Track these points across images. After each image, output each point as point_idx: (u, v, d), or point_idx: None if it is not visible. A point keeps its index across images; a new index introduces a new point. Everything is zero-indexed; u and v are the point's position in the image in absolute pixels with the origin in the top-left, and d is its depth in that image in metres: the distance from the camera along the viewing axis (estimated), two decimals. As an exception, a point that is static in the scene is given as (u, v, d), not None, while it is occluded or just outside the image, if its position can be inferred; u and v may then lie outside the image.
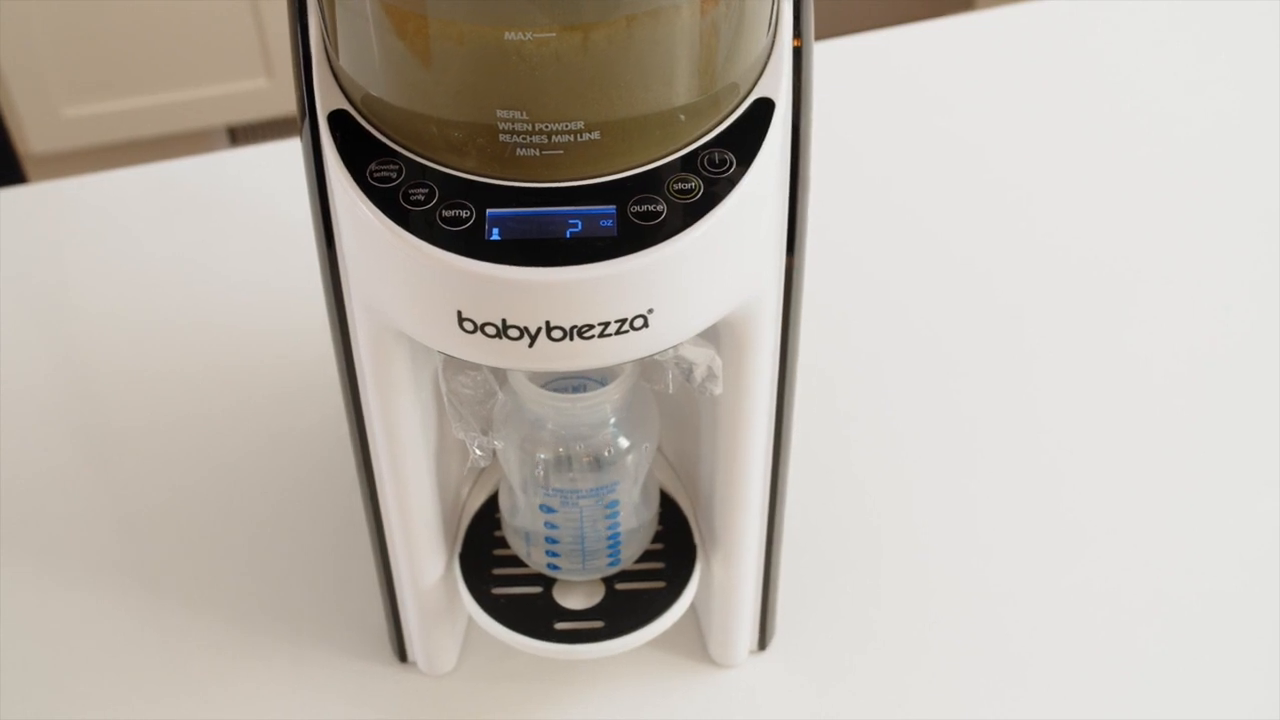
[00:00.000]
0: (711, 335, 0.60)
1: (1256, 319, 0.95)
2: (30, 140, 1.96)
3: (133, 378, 0.93)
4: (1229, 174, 1.07)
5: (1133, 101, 1.14)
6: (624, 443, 0.68)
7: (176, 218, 1.03)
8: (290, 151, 0.58)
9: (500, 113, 0.52)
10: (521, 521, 0.71)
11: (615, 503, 0.69)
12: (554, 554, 0.71)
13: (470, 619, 0.74)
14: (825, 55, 0.94)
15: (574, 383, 0.68)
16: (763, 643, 0.77)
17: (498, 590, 0.72)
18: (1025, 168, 1.09)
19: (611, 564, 0.71)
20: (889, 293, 0.98)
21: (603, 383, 0.66)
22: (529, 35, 0.50)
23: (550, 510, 0.68)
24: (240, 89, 2.01)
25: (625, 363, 0.65)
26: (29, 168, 2.00)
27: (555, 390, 0.66)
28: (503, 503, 0.72)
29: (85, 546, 0.83)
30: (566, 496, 0.68)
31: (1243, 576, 0.79)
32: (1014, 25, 1.22)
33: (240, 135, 2.11)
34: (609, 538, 0.70)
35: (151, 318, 0.96)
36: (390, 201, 0.54)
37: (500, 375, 0.74)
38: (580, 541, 0.69)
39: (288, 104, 1.81)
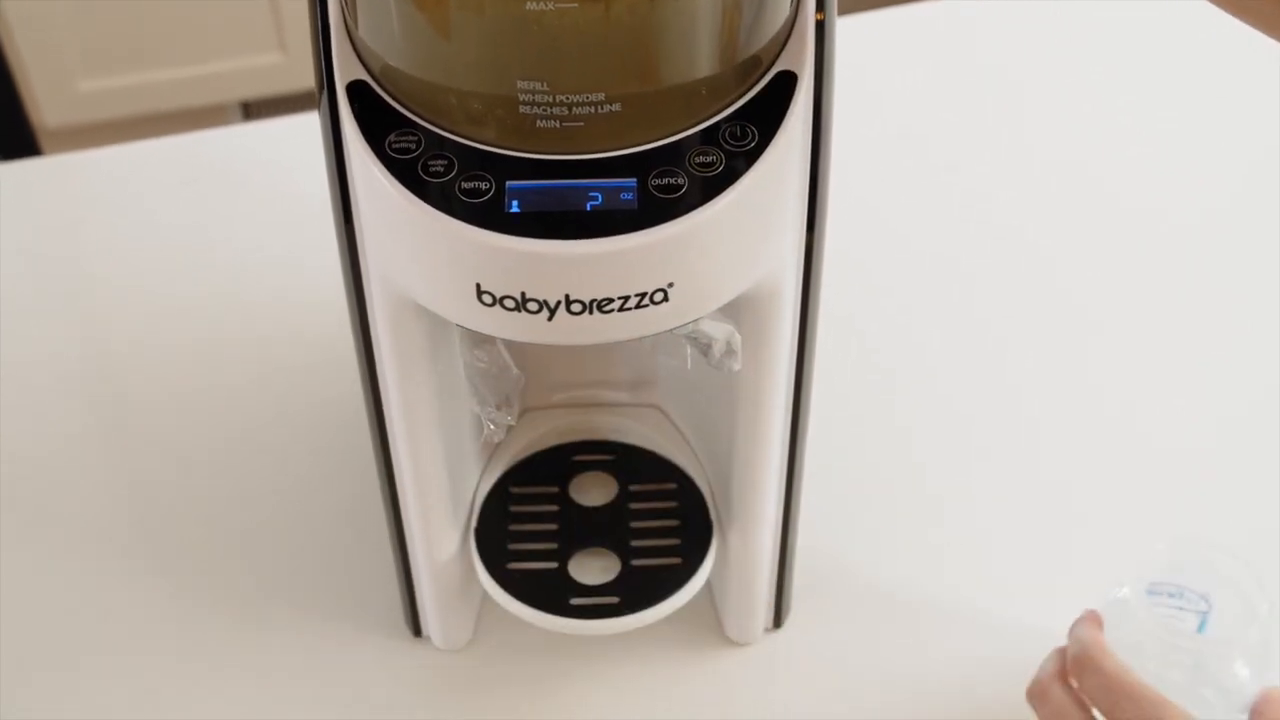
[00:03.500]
0: (731, 311, 0.60)
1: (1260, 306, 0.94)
2: (45, 114, 1.96)
3: (148, 350, 0.92)
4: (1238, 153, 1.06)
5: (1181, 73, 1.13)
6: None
7: (192, 191, 1.03)
8: (307, 125, 0.58)
9: (521, 84, 0.52)
10: None
11: None
12: None
13: (485, 594, 0.74)
14: (849, 29, 0.93)
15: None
16: (778, 620, 0.76)
17: (513, 565, 0.72)
18: (1055, 133, 1.08)
19: None
20: (915, 267, 0.98)
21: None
22: (550, 5, 0.50)
23: None
24: (255, 64, 2.00)
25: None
26: (43, 141, 2.00)
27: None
28: None
29: (100, 520, 0.83)
30: None
31: None
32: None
33: (254, 110, 2.10)
34: None
35: (167, 290, 0.96)
36: (409, 173, 0.53)
37: (516, 351, 0.73)
38: None
39: (302, 79, 1.80)
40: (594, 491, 0.75)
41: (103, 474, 0.85)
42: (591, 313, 0.53)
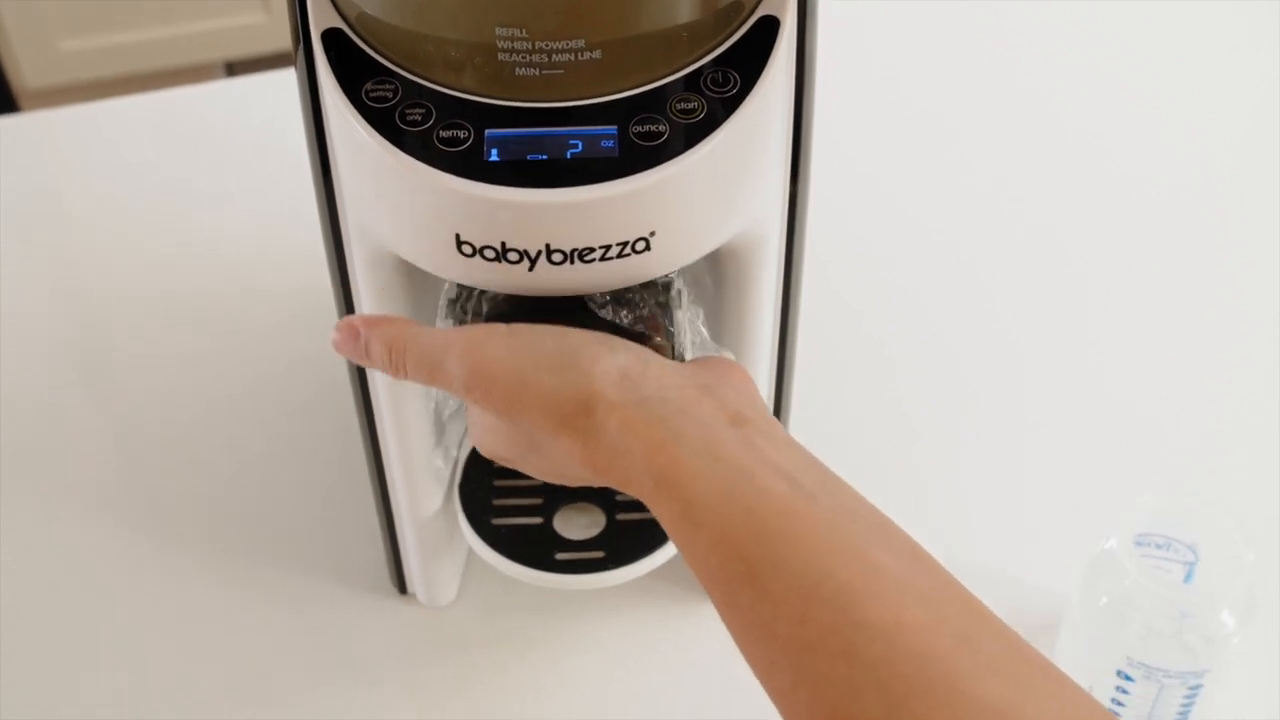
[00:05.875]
0: (714, 261, 0.59)
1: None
2: (25, 75, 1.94)
3: (130, 307, 0.92)
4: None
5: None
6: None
7: (173, 146, 1.02)
8: (289, 81, 0.57)
9: (499, 30, 0.51)
10: (1086, 670, 0.67)
11: (1200, 688, 0.65)
12: None
13: (470, 550, 0.73)
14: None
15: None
16: (764, 575, 0.76)
17: (497, 521, 0.71)
18: (1047, 80, 1.07)
19: None
20: (903, 218, 0.97)
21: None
22: (529, -51, 0.49)
23: (1129, 679, 0.65)
24: (238, 23, 1.99)
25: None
26: (24, 102, 1.98)
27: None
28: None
29: (85, 478, 0.82)
30: (1150, 672, 0.65)
31: None
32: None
33: (238, 70, 2.09)
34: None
35: (150, 246, 0.95)
36: (386, 122, 0.52)
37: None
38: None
39: (285, 39, 1.79)
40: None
41: (84, 431, 0.85)
42: (573, 262, 0.53)
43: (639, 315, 0.53)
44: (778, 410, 0.69)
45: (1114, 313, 0.91)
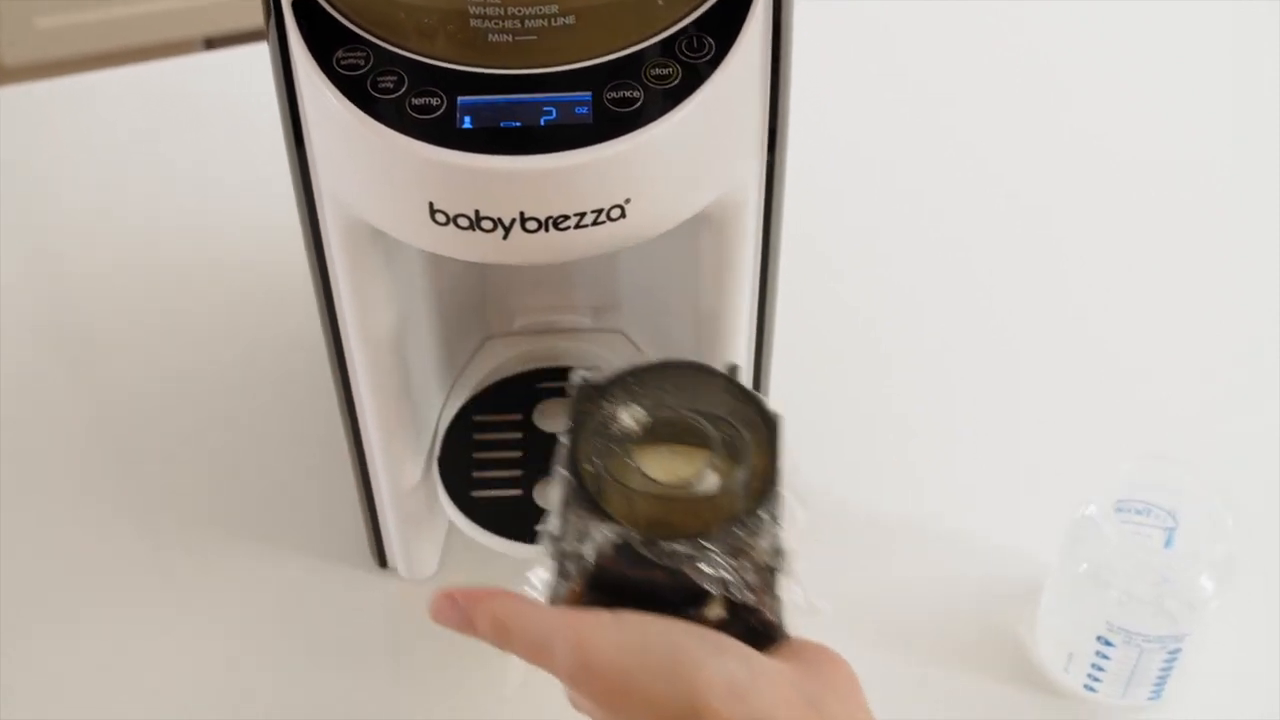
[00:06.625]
0: (692, 229, 0.59)
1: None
2: (3, 52, 1.92)
3: (108, 281, 0.91)
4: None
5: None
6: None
7: (151, 120, 1.01)
8: (265, 53, 0.57)
9: (471, -4, 0.51)
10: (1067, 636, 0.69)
11: (1179, 652, 0.66)
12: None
13: (450, 523, 0.73)
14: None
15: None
16: (745, 545, 0.76)
17: (477, 493, 0.71)
18: (1029, 44, 1.06)
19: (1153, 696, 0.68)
20: (884, 187, 0.96)
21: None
22: (500, -88, 0.49)
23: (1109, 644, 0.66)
24: (217, -1, 1.97)
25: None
26: (2, 80, 1.96)
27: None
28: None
29: (64, 450, 0.82)
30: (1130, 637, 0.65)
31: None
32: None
33: (217, 46, 2.07)
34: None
35: (128, 219, 0.94)
36: (358, 90, 0.52)
37: (478, 276, 0.72)
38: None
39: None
40: (558, 418, 0.74)
41: (63, 404, 0.84)
42: (547, 230, 0.52)
43: (746, 580, 0.51)
44: (757, 380, 0.68)
45: (1095, 282, 0.91)
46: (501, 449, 0.73)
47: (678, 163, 0.53)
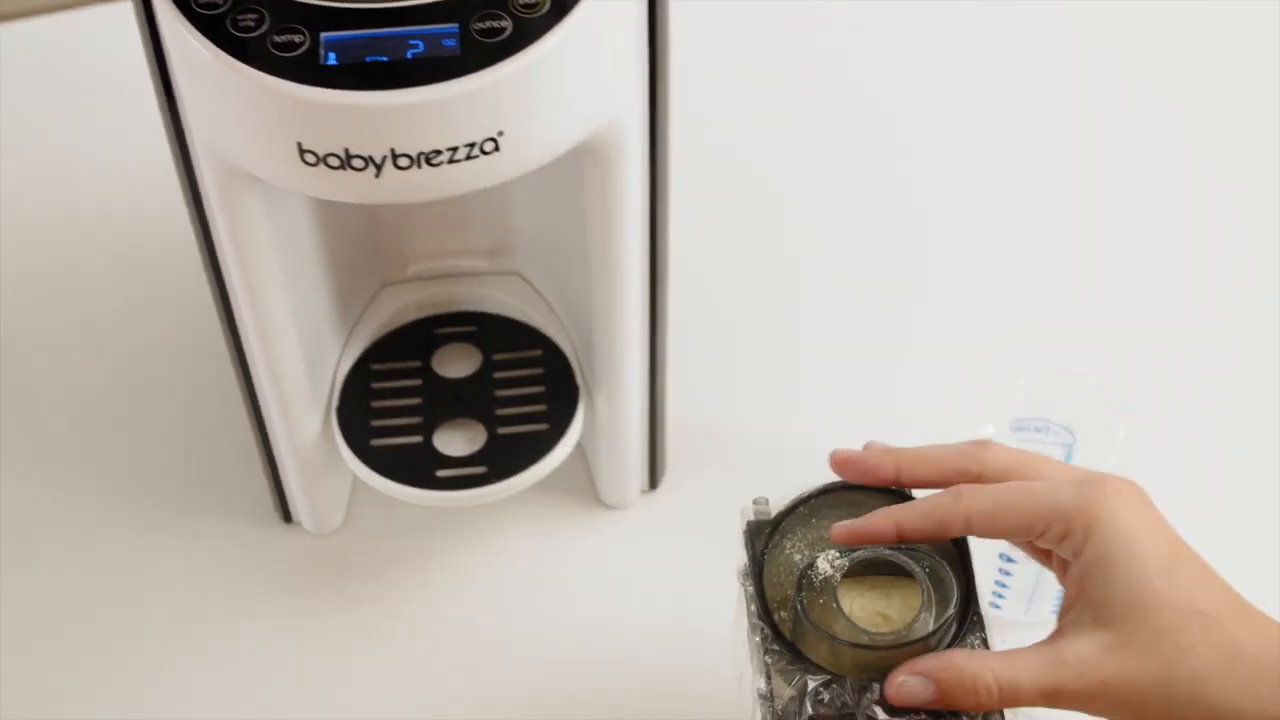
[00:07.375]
0: (574, 161, 0.58)
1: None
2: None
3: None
4: None
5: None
6: None
7: (21, 79, 0.98)
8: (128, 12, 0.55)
9: (329, -72, 0.50)
10: None
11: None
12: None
13: (354, 476, 0.72)
14: None
15: None
16: (653, 482, 0.76)
17: (377, 442, 0.70)
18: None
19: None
20: (771, 111, 0.94)
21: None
22: None
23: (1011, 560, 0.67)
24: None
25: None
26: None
27: None
28: None
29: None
30: None
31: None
32: None
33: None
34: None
35: (9, 178, 0.91)
36: (218, 29, 0.51)
37: (369, 221, 0.71)
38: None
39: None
40: (457, 363, 0.74)
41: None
42: (420, 166, 0.52)
43: None
44: (653, 316, 0.68)
45: (982, 198, 0.90)
46: (401, 396, 0.72)
47: (549, 94, 0.52)
